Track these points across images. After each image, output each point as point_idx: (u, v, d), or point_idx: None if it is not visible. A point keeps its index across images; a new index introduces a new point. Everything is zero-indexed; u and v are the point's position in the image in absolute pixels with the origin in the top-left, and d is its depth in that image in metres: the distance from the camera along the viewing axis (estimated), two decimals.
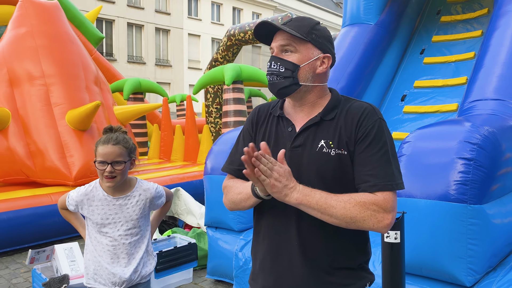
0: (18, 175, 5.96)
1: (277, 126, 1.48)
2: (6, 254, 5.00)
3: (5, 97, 6.08)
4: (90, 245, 2.14)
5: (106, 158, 2.00)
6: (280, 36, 1.42)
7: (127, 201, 2.12)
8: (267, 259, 1.46)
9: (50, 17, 6.62)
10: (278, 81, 1.40)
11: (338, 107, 1.44)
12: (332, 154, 1.37)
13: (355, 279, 1.43)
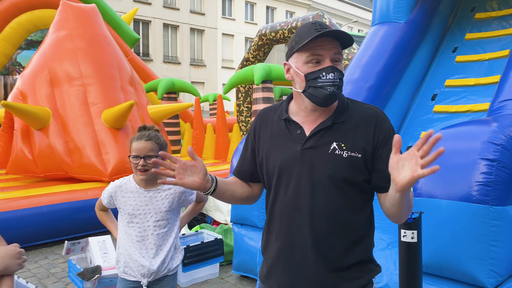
0: (57, 171, 6.28)
1: (284, 129, 1.52)
2: (46, 245, 5.30)
3: (46, 97, 6.41)
4: (121, 239, 2.28)
5: (139, 152, 2.16)
6: (332, 44, 1.39)
7: (157, 194, 2.24)
8: (281, 257, 1.50)
9: (88, 20, 6.93)
10: (337, 92, 1.40)
11: (347, 111, 1.48)
12: (345, 156, 1.41)
13: (365, 272, 1.48)
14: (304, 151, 1.45)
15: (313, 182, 1.43)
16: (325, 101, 1.41)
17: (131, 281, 2.23)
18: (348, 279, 1.45)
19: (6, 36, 8.86)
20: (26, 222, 5.05)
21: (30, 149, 6.33)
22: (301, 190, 1.44)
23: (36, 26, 9.28)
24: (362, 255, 1.48)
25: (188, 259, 3.93)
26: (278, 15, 35.09)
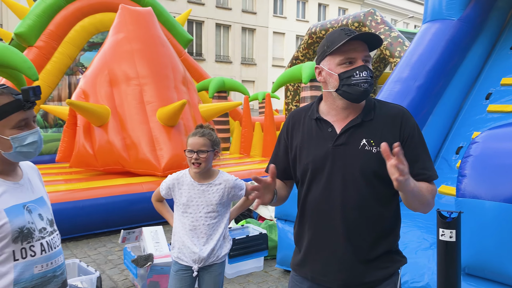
0: (115, 165, 6.71)
1: (316, 128, 1.62)
2: (104, 234, 5.70)
3: (106, 96, 6.86)
4: (176, 228, 2.50)
5: (193, 147, 2.39)
6: (362, 47, 1.52)
7: (209, 188, 2.45)
8: (313, 247, 1.61)
9: (144, 23, 7.32)
10: (370, 88, 1.52)
11: (375, 110, 1.59)
12: (374, 152, 1.52)
13: (392, 262, 1.58)
14: (335, 148, 1.55)
15: (344, 176, 1.54)
16: (359, 97, 1.53)
17: (183, 265, 2.45)
18: (376, 268, 1.55)
19: (71, 39, 9.51)
20: (87, 212, 5.47)
21: (91, 145, 6.80)
22: (333, 185, 1.55)
23: (97, 29, 9.88)
24: (389, 246, 1.57)
25: (233, 252, 4.11)
26: (330, 12, 34.69)
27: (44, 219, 1.53)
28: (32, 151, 1.48)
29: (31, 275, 1.44)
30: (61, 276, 1.55)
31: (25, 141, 1.44)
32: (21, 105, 1.43)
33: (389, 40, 9.36)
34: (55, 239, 1.57)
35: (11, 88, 1.46)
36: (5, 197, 1.42)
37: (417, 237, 3.30)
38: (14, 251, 1.40)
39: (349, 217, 1.54)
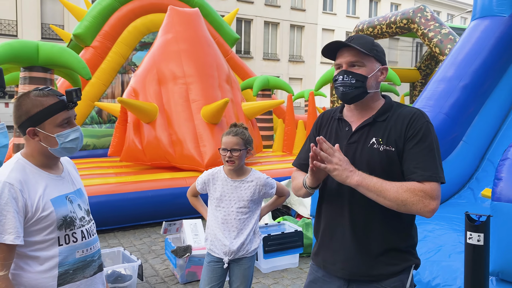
0: (162, 160, 7.02)
1: (336, 127, 1.76)
2: (149, 225, 6.01)
3: (154, 94, 7.18)
4: (209, 221, 2.65)
5: (226, 145, 2.53)
6: (348, 53, 1.65)
7: (241, 184, 2.58)
8: (326, 236, 1.74)
9: (191, 23, 7.58)
10: (350, 91, 1.63)
11: (390, 111, 1.68)
12: (381, 150, 1.62)
13: (400, 260, 1.64)
14: (349, 145, 1.67)
15: None
16: (342, 99, 1.68)
17: (215, 257, 2.60)
18: (382, 263, 1.62)
19: (124, 39, 9.99)
20: (134, 204, 5.79)
21: (140, 140, 7.15)
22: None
23: (148, 29, 10.31)
24: (398, 245, 1.63)
25: (269, 247, 4.22)
26: (382, 7, 33.82)
27: (82, 209, 1.70)
28: (74, 146, 1.64)
29: (73, 259, 1.61)
30: (98, 260, 1.73)
31: (68, 137, 1.61)
32: (65, 105, 1.59)
33: (439, 37, 9.06)
34: (92, 227, 1.74)
35: (55, 90, 1.63)
36: (50, 189, 1.59)
37: (452, 240, 3.25)
38: (59, 237, 1.58)
39: (355, 211, 1.64)
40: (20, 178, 1.53)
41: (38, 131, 1.57)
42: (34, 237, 1.54)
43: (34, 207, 1.52)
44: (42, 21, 21.20)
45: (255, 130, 8.19)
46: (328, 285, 1.72)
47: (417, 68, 13.47)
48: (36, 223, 1.53)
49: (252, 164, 7.90)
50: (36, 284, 1.53)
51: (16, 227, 1.47)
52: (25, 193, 1.51)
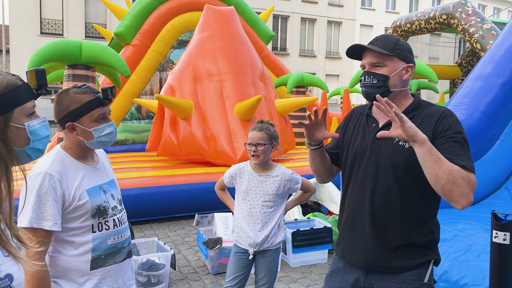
0: (196, 155, 7.22)
1: (364, 122, 1.82)
2: (183, 218, 6.21)
3: (190, 91, 7.38)
4: (236, 214, 2.76)
5: (251, 140, 2.63)
6: (370, 54, 1.72)
7: (266, 179, 2.66)
8: (346, 227, 1.81)
9: (226, 22, 7.72)
10: (372, 90, 1.70)
11: (418, 109, 1.72)
12: (406, 147, 1.65)
13: (418, 255, 1.67)
14: (374, 141, 1.72)
15: (377, 167, 1.70)
16: (366, 98, 1.74)
17: (241, 248, 2.71)
18: (400, 257, 1.66)
19: (162, 37, 10.28)
20: (169, 197, 6.00)
21: (176, 136, 7.37)
22: (368, 174, 1.72)
23: (186, 27, 10.55)
24: (417, 240, 1.66)
25: (298, 242, 4.28)
26: (423, 2, 32.82)
27: (115, 199, 1.82)
28: (108, 140, 1.76)
29: (105, 245, 1.73)
30: (128, 247, 1.86)
31: (103, 132, 1.73)
32: (101, 102, 1.71)
33: (481, 33, 8.75)
34: (123, 216, 1.86)
35: (92, 87, 1.76)
36: (86, 179, 1.72)
37: (483, 240, 3.20)
38: (92, 225, 1.70)
39: (376, 205, 1.69)
40: (59, 169, 1.66)
41: (76, 125, 1.70)
42: (71, 224, 1.67)
43: (71, 197, 1.66)
44: (85, 20, 22.06)
45: (288, 127, 8.23)
46: (348, 275, 1.78)
47: (458, 65, 13.04)
48: (73, 211, 1.66)
49: (285, 160, 7.96)
50: (71, 266, 1.67)
51: (54, 215, 1.60)
52: (63, 184, 1.65)
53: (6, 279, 1.00)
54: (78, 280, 1.68)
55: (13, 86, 1.05)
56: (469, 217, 3.70)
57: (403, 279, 1.67)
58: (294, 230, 4.27)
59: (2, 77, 1.05)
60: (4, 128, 1.04)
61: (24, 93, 1.08)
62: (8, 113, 1.04)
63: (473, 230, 3.40)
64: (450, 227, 3.52)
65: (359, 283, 1.75)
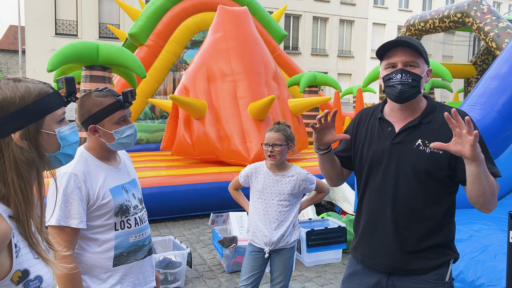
0: (210, 154, 7.28)
1: (378, 126, 1.79)
2: (198, 217, 6.27)
3: (204, 91, 7.45)
4: (251, 213, 2.80)
5: (268, 141, 2.66)
6: (403, 52, 1.66)
7: (282, 179, 2.70)
8: (365, 232, 1.80)
9: (240, 22, 7.77)
10: (407, 89, 1.64)
11: (434, 112, 1.71)
12: (428, 152, 1.65)
13: (440, 255, 1.69)
14: (393, 146, 1.72)
15: (398, 172, 1.69)
16: (397, 98, 1.67)
17: (257, 247, 2.75)
18: (422, 258, 1.68)
19: (176, 38, 10.37)
20: (184, 196, 6.07)
21: (190, 135, 7.44)
22: (388, 178, 1.71)
23: (199, 28, 10.63)
24: (439, 241, 1.68)
25: (312, 241, 4.31)
26: (437, 0, 32.48)
27: (136, 198, 1.87)
28: (129, 141, 1.82)
29: (127, 243, 1.79)
30: (148, 245, 1.91)
31: (124, 133, 1.78)
32: (121, 105, 1.76)
33: (496, 31, 8.66)
34: (144, 215, 1.91)
35: (113, 91, 1.81)
36: (109, 179, 1.78)
37: (499, 240, 3.19)
38: (115, 223, 1.76)
39: (398, 210, 1.69)
40: (84, 169, 1.72)
41: (98, 128, 1.76)
42: (95, 222, 1.73)
43: (95, 196, 1.71)
44: (99, 21, 22.31)
45: (301, 126, 8.25)
46: (368, 277, 1.78)
47: (473, 63, 12.91)
48: (97, 209, 1.72)
49: (297, 160, 7.99)
50: (94, 263, 1.73)
51: (80, 213, 1.66)
52: (87, 183, 1.70)
53: (36, 280, 1.05)
54: (102, 276, 1.73)
55: (45, 94, 1.09)
56: (485, 218, 3.69)
57: (426, 279, 1.68)
58: (308, 229, 4.30)
59: (34, 85, 1.09)
60: (36, 135, 1.08)
61: (55, 100, 1.12)
62: (40, 120, 1.09)
63: (489, 231, 3.39)
64: (466, 227, 3.51)
65: (380, 285, 1.75)
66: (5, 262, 0.98)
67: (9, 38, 28.76)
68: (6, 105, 1.02)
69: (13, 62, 28.09)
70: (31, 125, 1.06)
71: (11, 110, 1.03)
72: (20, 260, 1.02)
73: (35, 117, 1.07)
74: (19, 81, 1.07)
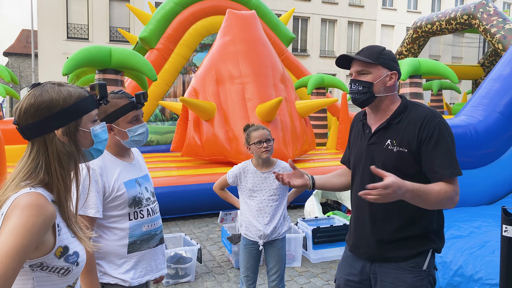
0: (219, 155, 7.45)
1: (361, 129, 1.99)
2: (207, 215, 6.44)
3: (213, 93, 7.63)
4: (242, 209, 2.95)
5: (261, 138, 2.80)
6: (356, 63, 1.87)
7: (269, 175, 2.86)
8: (352, 224, 2.02)
9: (248, 26, 7.94)
10: (359, 96, 1.86)
11: (404, 113, 1.86)
12: (395, 151, 1.82)
13: (417, 245, 1.84)
14: (368, 146, 1.91)
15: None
16: (355, 103, 1.90)
17: (251, 240, 2.91)
18: (399, 247, 1.84)
19: (185, 41, 10.58)
20: (194, 195, 6.24)
21: (200, 137, 7.62)
22: (365, 176, 1.90)
23: (208, 31, 10.83)
24: (415, 232, 1.84)
25: (318, 239, 4.45)
26: (446, 2, 32.38)
27: (148, 191, 2.04)
28: (141, 139, 1.99)
29: (140, 232, 1.95)
30: (160, 235, 2.07)
31: (137, 132, 1.96)
32: (134, 105, 1.94)
33: (503, 33, 8.72)
34: (156, 207, 2.08)
35: (126, 92, 1.98)
36: (123, 173, 1.94)
37: (498, 237, 3.29)
38: (129, 213, 1.92)
39: (374, 204, 1.82)
40: (100, 164, 1.89)
41: (113, 126, 1.93)
42: (110, 212, 1.90)
43: (111, 188, 1.88)
44: (110, 24, 22.67)
45: (309, 128, 8.39)
46: (356, 262, 1.97)
47: (481, 65, 12.93)
48: (112, 201, 1.89)
49: (305, 161, 8.12)
50: (111, 250, 1.89)
51: (97, 204, 1.83)
52: (104, 177, 1.87)
53: (74, 255, 1.23)
54: (117, 262, 1.91)
55: (82, 97, 1.27)
56: (486, 215, 3.80)
57: (403, 266, 1.84)
58: (314, 227, 4.43)
59: (74, 89, 1.27)
60: (75, 132, 1.26)
61: (90, 103, 1.30)
62: (79, 119, 1.27)
63: (489, 228, 3.50)
64: (467, 224, 3.62)
65: (365, 270, 1.94)
66: (50, 239, 1.16)
67: (21, 42, 29.31)
68: (52, 106, 1.20)
69: (25, 65, 28.61)
70: (71, 123, 1.24)
71: (56, 110, 1.21)
72: (61, 238, 1.20)
73: (74, 116, 1.25)
74: (62, 86, 1.25)
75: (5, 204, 1.12)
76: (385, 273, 1.86)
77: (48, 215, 1.12)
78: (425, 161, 1.77)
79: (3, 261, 0.99)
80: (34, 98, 1.20)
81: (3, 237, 1.03)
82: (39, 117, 1.19)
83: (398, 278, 1.83)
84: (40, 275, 1.16)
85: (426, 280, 1.84)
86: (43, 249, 1.14)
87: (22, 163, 1.21)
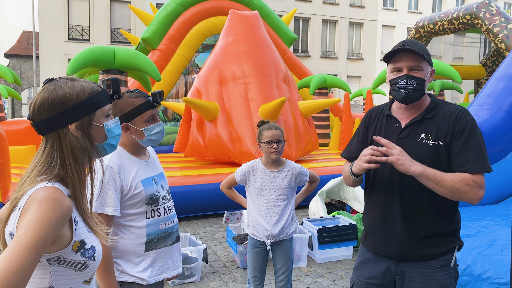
0: (222, 155, 7.44)
1: (386, 123, 1.94)
2: (211, 216, 6.43)
3: (216, 93, 7.62)
4: (250, 209, 2.92)
5: (272, 138, 2.77)
6: (408, 57, 1.78)
7: (278, 174, 2.83)
8: (376, 221, 1.93)
9: (250, 26, 7.93)
10: (413, 93, 1.79)
11: (437, 109, 1.86)
12: (430, 144, 1.80)
13: (446, 242, 1.82)
14: (399, 140, 1.86)
15: None
16: (403, 100, 1.83)
17: (258, 240, 2.88)
18: (430, 245, 1.81)
19: (187, 42, 10.57)
20: (197, 196, 6.23)
21: (203, 137, 7.62)
22: (395, 171, 1.83)
23: (210, 32, 10.83)
24: (445, 228, 1.82)
25: (323, 239, 4.43)
26: (447, 2, 32.37)
27: (164, 189, 2.03)
28: (157, 138, 1.98)
29: (157, 230, 1.94)
30: (176, 233, 2.06)
31: (153, 131, 1.95)
32: (151, 104, 1.93)
33: (505, 33, 8.71)
34: (172, 205, 2.07)
35: (143, 92, 1.97)
36: (140, 171, 1.94)
37: (506, 236, 3.29)
38: (146, 211, 1.91)
39: (405, 199, 1.82)
40: (118, 162, 1.88)
41: (130, 125, 1.93)
42: (128, 210, 1.89)
43: (128, 186, 1.87)
44: (111, 26, 22.68)
45: (312, 128, 8.38)
46: (378, 264, 1.92)
47: (483, 65, 12.92)
48: (130, 199, 1.88)
49: (308, 161, 8.11)
50: (128, 248, 1.88)
51: (115, 202, 1.82)
52: (121, 175, 1.86)
53: (91, 250, 1.22)
54: (135, 260, 1.89)
55: (96, 92, 1.27)
56: (493, 214, 3.79)
57: (433, 265, 1.81)
58: (320, 227, 4.42)
59: (87, 84, 1.26)
60: (88, 126, 1.25)
61: (103, 97, 1.29)
62: (92, 114, 1.26)
63: (497, 227, 3.48)
64: (474, 223, 3.61)
65: (390, 271, 1.88)
66: (67, 234, 1.16)
67: (22, 44, 29.31)
68: (66, 101, 1.20)
69: (26, 67, 28.61)
70: (84, 118, 1.23)
71: (69, 105, 1.20)
72: (78, 232, 1.19)
73: (88, 111, 1.24)
74: (75, 81, 1.24)
75: (22, 198, 1.12)
76: (414, 273, 1.83)
77: (65, 208, 1.11)
78: (455, 154, 1.76)
79: (21, 254, 0.99)
80: (48, 93, 1.19)
81: (21, 231, 1.03)
82: (53, 112, 1.19)
83: (428, 277, 1.80)
84: (57, 269, 1.16)
85: (453, 277, 1.83)
86: (60, 243, 1.14)
87: (38, 158, 1.20)
